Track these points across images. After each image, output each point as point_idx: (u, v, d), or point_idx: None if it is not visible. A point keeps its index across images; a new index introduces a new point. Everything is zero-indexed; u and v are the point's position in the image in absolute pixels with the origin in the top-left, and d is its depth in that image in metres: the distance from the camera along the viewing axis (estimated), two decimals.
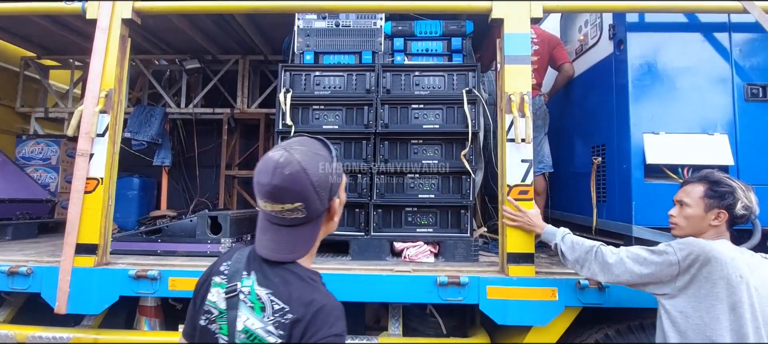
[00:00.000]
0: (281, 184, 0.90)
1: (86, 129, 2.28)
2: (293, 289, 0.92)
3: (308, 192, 0.92)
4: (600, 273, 1.73)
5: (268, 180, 0.91)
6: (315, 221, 0.98)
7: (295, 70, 2.68)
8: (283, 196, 0.92)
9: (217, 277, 0.99)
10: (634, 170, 2.40)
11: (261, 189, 0.93)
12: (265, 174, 0.92)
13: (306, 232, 0.98)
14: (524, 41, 2.27)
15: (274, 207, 0.93)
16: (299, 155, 0.93)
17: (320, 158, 0.97)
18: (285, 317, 0.89)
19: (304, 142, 1.00)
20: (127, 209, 4.35)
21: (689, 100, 2.45)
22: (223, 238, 2.53)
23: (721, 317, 1.43)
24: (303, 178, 0.92)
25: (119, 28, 2.39)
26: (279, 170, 0.91)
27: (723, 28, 2.50)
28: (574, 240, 1.88)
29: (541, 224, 2.05)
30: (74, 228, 2.23)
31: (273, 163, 0.91)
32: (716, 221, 1.58)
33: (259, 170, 0.94)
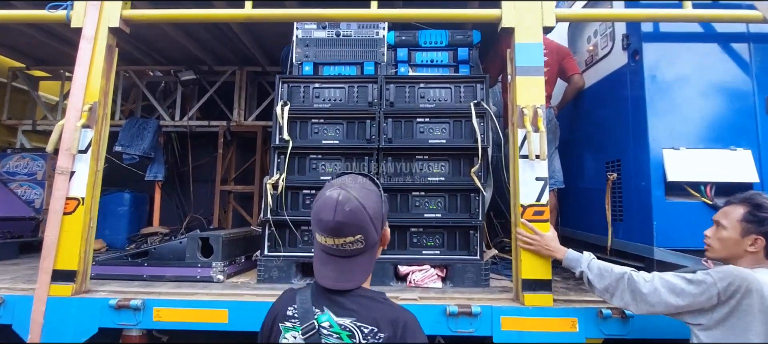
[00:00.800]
0: (344, 220, 1.02)
1: (67, 145, 2.12)
2: (375, 312, 1.04)
3: (367, 224, 1.05)
4: (632, 304, 1.59)
5: (331, 217, 1.02)
6: (372, 249, 1.10)
7: (293, 82, 2.53)
8: (345, 230, 1.03)
9: (287, 322, 1.08)
10: (653, 188, 2.25)
11: (324, 225, 1.04)
12: (328, 212, 1.03)
13: (365, 260, 1.09)
14: (536, 51, 2.14)
15: (336, 241, 1.05)
16: (355, 192, 1.06)
17: (372, 193, 1.12)
18: (377, 337, 1.00)
19: (355, 179, 1.15)
20: (117, 226, 4.17)
21: (709, 113, 2.32)
22: (215, 262, 2.35)
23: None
24: (362, 213, 1.04)
25: (106, 38, 2.24)
26: (340, 207, 1.02)
27: (742, 38, 2.39)
28: (601, 267, 1.72)
29: (560, 248, 1.89)
30: (51, 253, 2.05)
31: (334, 202, 1.03)
32: (752, 247, 1.46)
33: (320, 209, 1.05)
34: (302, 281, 2.35)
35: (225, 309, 1.97)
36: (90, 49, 2.22)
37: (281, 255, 2.35)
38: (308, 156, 2.46)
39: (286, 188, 2.39)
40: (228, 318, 1.96)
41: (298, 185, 2.42)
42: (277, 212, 2.37)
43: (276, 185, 2.36)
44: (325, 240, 1.06)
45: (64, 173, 2.11)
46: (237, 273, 2.54)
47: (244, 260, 2.66)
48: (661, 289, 1.51)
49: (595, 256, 2.43)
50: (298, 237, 2.39)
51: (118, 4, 2.26)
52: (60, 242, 2.07)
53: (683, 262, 2.17)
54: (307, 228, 2.41)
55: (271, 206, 2.35)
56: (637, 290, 1.57)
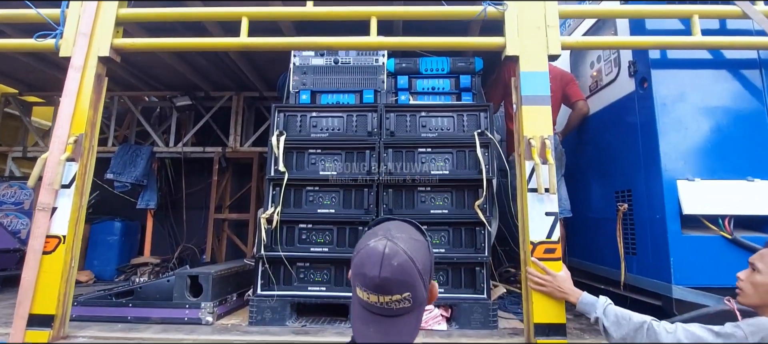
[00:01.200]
0: (391, 277, 0.91)
1: (49, 179, 2.00)
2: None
3: (416, 281, 0.93)
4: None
5: (377, 273, 0.91)
6: (419, 308, 0.97)
7: (289, 111, 2.44)
8: (393, 288, 0.91)
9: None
10: (669, 221, 2.13)
11: (368, 282, 0.92)
12: (373, 267, 0.91)
13: (412, 320, 0.96)
14: (542, 80, 2.05)
15: (382, 299, 0.92)
16: (403, 244, 0.94)
17: (420, 243, 0.98)
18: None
19: (400, 227, 1.01)
20: (106, 256, 4.02)
21: (723, 142, 2.23)
22: (204, 302, 2.20)
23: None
24: (411, 268, 0.92)
25: (95, 67, 2.16)
26: (387, 262, 0.91)
27: (753, 64, 2.32)
28: (618, 314, 1.59)
29: (574, 291, 1.75)
30: (28, 297, 1.91)
31: (379, 255, 0.92)
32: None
33: (363, 263, 0.93)
34: (297, 323, 2.20)
35: None
36: (78, 79, 2.14)
37: (275, 294, 2.21)
38: (305, 188, 2.35)
39: (281, 222, 2.27)
40: None
41: (294, 219, 2.30)
42: (271, 248, 2.24)
43: (270, 219, 2.24)
44: (368, 296, 0.94)
45: (44, 209, 1.99)
46: (228, 313, 2.39)
47: (236, 297, 2.52)
48: (684, 343, 1.38)
49: (609, 292, 2.31)
50: (294, 275, 2.26)
51: (109, 33, 2.18)
52: (38, 284, 1.93)
53: (704, 301, 2.04)
54: (303, 265, 2.28)
55: (265, 241, 2.22)
56: (664, 338, 1.43)
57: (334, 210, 2.32)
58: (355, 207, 2.31)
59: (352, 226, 2.27)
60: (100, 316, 2.22)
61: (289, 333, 2.03)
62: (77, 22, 2.20)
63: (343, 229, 2.29)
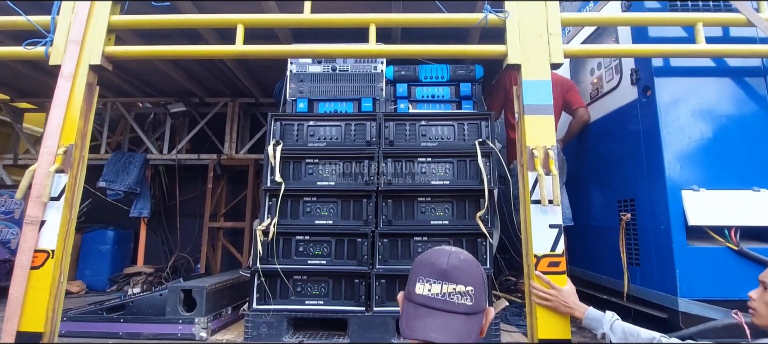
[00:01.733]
0: (458, 265, 0.93)
1: (38, 192, 1.93)
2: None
3: (479, 279, 0.94)
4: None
5: (445, 261, 0.94)
6: (477, 317, 0.93)
7: (286, 120, 2.39)
8: (459, 277, 0.92)
9: None
10: (674, 232, 2.09)
11: (434, 269, 0.93)
12: (441, 257, 0.95)
13: (471, 325, 0.92)
14: (545, 89, 2.01)
15: (445, 288, 0.92)
16: (465, 254, 0.98)
17: (478, 265, 0.99)
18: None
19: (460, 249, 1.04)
20: (98, 265, 3.94)
21: (727, 152, 2.20)
22: (198, 317, 2.13)
23: None
24: (477, 267, 0.96)
25: (86, 75, 2.10)
26: (454, 254, 0.96)
27: (757, 72, 2.29)
28: (626, 330, 1.54)
29: (580, 306, 1.71)
30: (15, 314, 1.84)
31: (446, 251, 0.97)
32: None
33: (429, 257, 0.97)
34: (294, 338, 2.14)
35: None
36: (68, 88, 2.07)
37: (271, 309, 2.14)
38: (302, 199, 2.29)
39: (278, 234, 2.21)
40: None
41: (291, 231, 2.24)
42: (267, 260, 2.18)
43: (267, 231, 2.18)
44: (430, 287, 0.92)
45: (32, 223, 1.92)
46: (222, 328, 2.32)
47: (231, 311, 2.45)
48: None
49: (611, 303, 2.26)
50: (291, 289, 2.19)
51: (101, 40, 2.12)
52: (25, 300, 1.86)
53: (710, 315, 2.00)
54: (300, 279, 2.22)
55: (261, 254, 2.16)
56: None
57: (332, 222, 2.26)
58: (354, 218, 2.26)
59: (350, 238, 2.21)
60: (90, 332, 2.16)
61: None
62: (68, 30, 2.14)
63: (342, 241, 2.23)
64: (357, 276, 2.17)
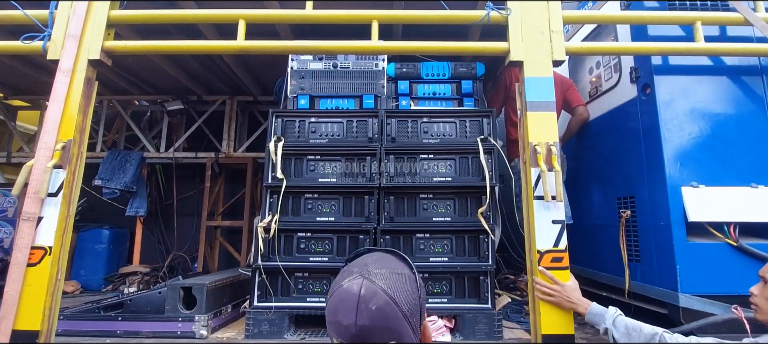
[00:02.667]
0: (370, 324, 0.75)
1: (35, 188, 1.90)
2: None
3: (401, 326, 0.77)
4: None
5: (352, 321, 0.76)
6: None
7: (287, 116, 2.37)
8: (373, 336, 0.76)
9: None
10: (674, 228, 2.11)
11: (342, 331, 0.77)
12: (347, 313, 0.77)
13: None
14: (547, 85, 2.02)
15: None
16: (382, 281, 0.79)
17: (404, 278, 0.83)
18: None
19: (380, 260, 0.86)
20: (94, 265, 3.88)
21: (725, 149, 2.23)
22: (198, 315, 2.11)
23: None
24: (393, 311, 0.77)
25: (85, 70, 2.07)
26: (364, 306, 0.76)
27: (754, 71, 2.33)
28: (629, 325, 1.55)
29: (583, 301, 1.71)
30: (11, 312, 1.81)
31: (354, 298, 0.77)
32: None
33: (336, 308, 0.79)
34: (296, 336, 2.12)
35: None
36: (67, 83, 2.04)
37: (273, 306, 2.13)
38: (303, 195, 2.28)
39: (279, 231, 2.19)
40: None
41: (293, 228, 2.22)
42: (268, 257, 2.16)
43: (268, 228, 2.16)
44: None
45: (29, 219, 1.89)
46: (223, 326, 2.29)
47: (231, 309, 2.43)
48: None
49: (612, 300, 2.27)
50: (292, 286, 2.18)
51: (100, 35, 2.09)
52: (22, 298, 1.83)
53: (711, 310, 2.02)
54: (301, 276, 2.20)
55: (262, 251, 2.15)
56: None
57: (334, 218, 2.25)
58: (356, 214, 2.25)
59: (352, 235, 2.20)
60: (87, 331, 2.12)
61: None
62: (66, 24, 2.11)
63: (344, 238, 2.22)
64: None
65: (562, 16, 2.08)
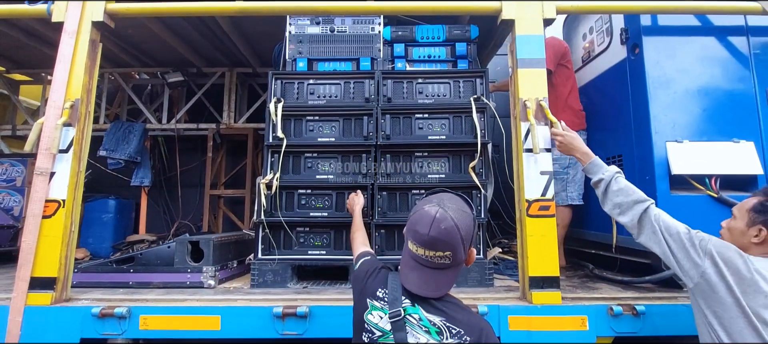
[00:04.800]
0: (438, 236, 1.10)
1: (47, 144, 1.99)
2: (463, 316, 1.14)
3: (457, 244, 1.12)
4: (636, 230, 1.61)
5: (426, 231, 1.11)
6: (457, 266, 1.17)
7: (286, 78, 2.44)
8: (438, 245, 1.11)
9: (375, 302, 1.21)
10: (658, 182, 2.21)
11: (418, 237, 1.13)
12: (424, 226, 1.12)
13: (449, 275, 1.16)
14: (538, 43, 2.09)
15: (427, 253, 1.13)
16: (452, 212, 1.13)
17: (467, 216, 1.17)
18: (463, 338, 1.11)
19: (453, 198, 1.21)
20: (101, 234, 3.99)
21: (710, 106, 2.30)
22: (206, 266, 2.23)
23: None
24: (455, 233, 1.11)
25: (89, 32, 2.13)
26: (436, 224, 1.11)
27: (740, 31, 2.38)
28: (627, 185, 1.66)
29: (589, 151, 1.80)
30: (29, 260, 1.92)
31: (431, 218, 1.12)
32: (756, 238, 1.43)
33: (417, 221, 1.14)
34: (298, 285, 2.25)
35: (217, 316, 1.86)
36: (72, 44, 2.11)
37: (276, 258, 2.24)
38: (303, 154, 2.37)
39: (280, 188, 2.29)
40: (220, 325, 1.85)
41: (293, 185, 2.32)
42: (271, 213, 2.27)
43: (270, 185, 2.26)
44: (416, 249, 1.14)
45: (43, 174, 1.99)
46: (229, 279, 2.42)
47: (237, 265, 2.55)
48: (667, 231, 1.53)
49: (600, 256, 2.38)
50: (294, 239, 2.29)
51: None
52: (38, 247, 1.94)
53: None
54: (302, 230, 2.31)
55: (265, 207, 2.25)
56: (650, 221, 1.57)
57: (333, 176, 2.35)
58: (354, 172, 2.34)
59: (350, 191, 2.30)
60: (101, 281, 2.24)
61: (291, 293, 2.08)
62: None
63: (342, 194, 2.32)
64: None
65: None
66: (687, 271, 1.45)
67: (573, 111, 2.86)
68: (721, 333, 1.37)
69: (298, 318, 1.82)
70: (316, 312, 1.84)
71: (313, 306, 1.85)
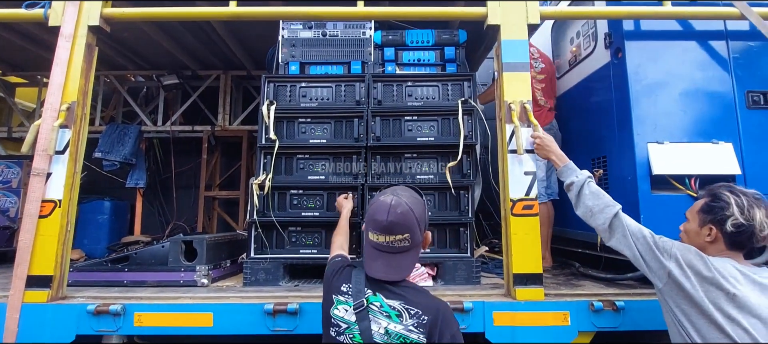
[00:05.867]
0: (396, 220, 1.23)
1: (43, 145, 2.04)
2: (420, 299, 1.25)
3: (414, 225, 1.25)
4: (607, 233, 1.68)
5: (385, 218, 1.23)
6: (416, 248, 1.30)
7: (279, 81, 2.50)
8: (396, 229, 1.23)
9: (340, 296, 1.30)
10: (640, 182, 2.28)
11: (378, 225, 1.25)
12: (382, 213, 1.24)
13: (410, 257, 1.29)
14: (522, 48, 2.16)
15: (387, 238, 1.25)
16: (406, 198, 1.27)
17: (419, 202, 1.33)
18: (422, 319, 1.21)
19: (405, 189, 1.36)
20: (96, 235, 4.03)
21: (691, 108, 2.37)
22: (199, 265, 2.27)
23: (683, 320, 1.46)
24: (411, 215, 1.25)
25: (85, 36, 2.18)
26: (393, 210, 1.24)
27: (720, 35, 2.46)
28: (598, 190, 1.74)
29: (564, 155, 1.89)
30: (25, 259, 1.96)
31: (387, 205, 1.25)
32: (709, 237, 1.49)
33: (375, 211, 1.27)
34: (290, 283, 2.30)
35: (210, 313, 1.91)
36: (68, 48, 2.16)
37: (268, 257, 2.29)
38: (295, 156, 2.43)
39: (272, 188, 2.34)
40: (213, 322, 1.90)
41: (285, 185, 2.37)
42: (263, 213, 2.32)
43: (262, 185, 2.32)
44: (377, 237, 1.26)
45: (39, 175, 2.03)
46: (222, 278, 2.46)
47: (230, 264, 2.59)
48: (634, 236, 1.60)
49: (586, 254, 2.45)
50: (286, 239, 2.34)
51: (99, 2, 2.20)
52: (35, 246, 1.99)
53: None
54: (294, 230, 2.36)
55: (258, 207, 2.30)
56: (619, 228, 1.64)
57: (324, 177, 2.40)
58: (345, 173, 2.40)
59: (341, 191, 2.35)
60: (96, 280, 2.28)
61: (283, 291, 2.13)
62: None
63: (333, 195, 2.37)
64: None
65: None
66: (656, 272, 1.52)
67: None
68: (690, 330, 1.42)
69: (288, 314, 1.87)
70: (307, 309, 1.90)
71: (303, 303, 1.90)
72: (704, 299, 1.38)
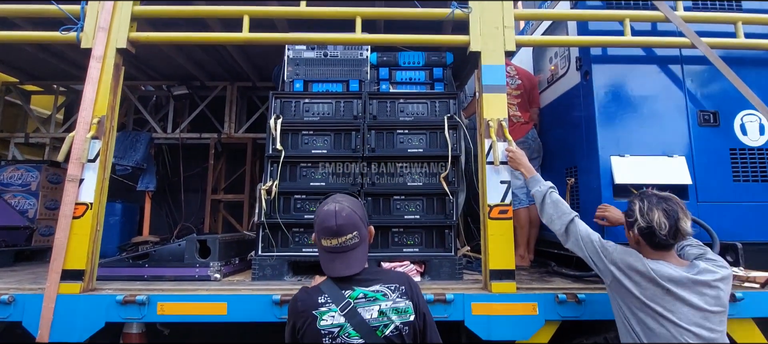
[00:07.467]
0: (342, 222, 1.42)
1: (77, 154, 2.31)
2: (390, 276, 1.50)
3: (358, 223, 1.47)
4: (564, 237, 1.94)
5: (334, 223, 1.42)
6: (364, 242, 1.51)
7: (285, 98, 2.79)
8: (345, 229, 1.43)
9: (321, 308, 1.39)
10: (603, 189, 2.58)
11: (329, 231, 1.43)
12: (330, 220, 1.42)
13: (362, 250, 1.49)
14: (500, 72, 2.46)
15: (339, 240, 1.43)
16: (346, 202, 1.49)
17: (357, 203, 1.56)
18: (401, 289, 1.44)
19: (342, 194, 1.58)
20: (108, 236, 4.18)
21: (650, 125, 2.68)
22: (212, 261, 2.55)
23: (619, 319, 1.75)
24: (353, 215, 1.46)
25: (114, 57, 2.46)
26: (338, 214, 1.43)
27: (676, 60, 2.78)
28: (559, 200, 2.03)
29: (532, 167, 2.19)
30: (61, 254, 2.22)
31: (333, 212, 1.44)
32: (634, 241, 1.74)
33: (323, 220, 1.45)
34: (294, 278, 2.57)
35: (224, 302, 2.17)
36: (99, 68, 2.43)
37: (275, 254, 2.57)
38: (299, 164, 2.71)
39: (278, 194, 2.62)
40: (227, 311, 2.17)
41: (290, 191, 2.66)
42: (270, 215, 2.60)
43: (270, 191, 2.59)
44: (330, 241, 1.44)
45: (74, 181, 2.30)
46: (232, 273, 2.74)
47: (238, 261, 2.87)
48: (584, 240, 1.87)
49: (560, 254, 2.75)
50: (290, 238, 2.62)
51: (126, 27, 2.48)
52: (69, 244, 2.24)
53: None
54: (298, 230, 2.64)
55: (265, 210, 2.58)
56: (573, 232, 1.91)
57: (325, 183, 2.69)
58: (343, 180, 2.69)
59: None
60: (120, 275, 2.55)
61: (288, 285, 2.40)
62: (96, 18, 2.49)
63: None
64: None
65: (513, 13, 2.51)
66: (602, 272, 1.78)
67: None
68: (633, 322, 1.66)
69: None
70: None
71: None
72: (641, 297, 1.61)
